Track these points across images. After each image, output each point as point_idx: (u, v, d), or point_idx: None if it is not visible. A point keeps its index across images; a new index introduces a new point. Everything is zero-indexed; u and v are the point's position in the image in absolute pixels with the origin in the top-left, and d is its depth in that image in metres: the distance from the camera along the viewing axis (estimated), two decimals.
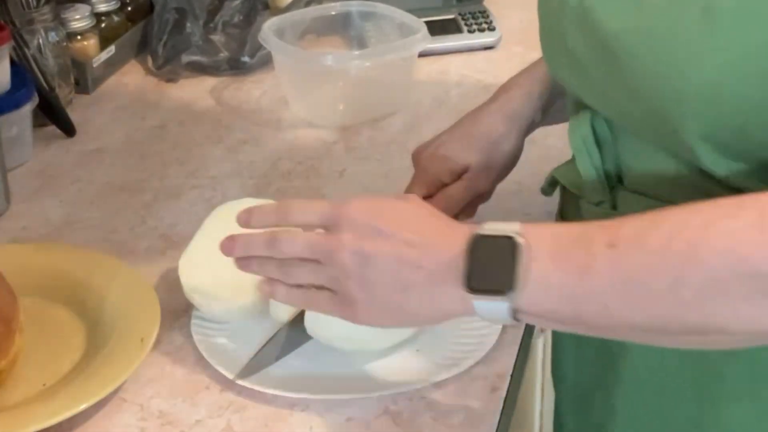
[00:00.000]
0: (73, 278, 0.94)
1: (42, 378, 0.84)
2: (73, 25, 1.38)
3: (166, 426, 0.81)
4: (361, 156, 1.21)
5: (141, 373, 0.85)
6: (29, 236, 1.07)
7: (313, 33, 1.39)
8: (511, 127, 0.98)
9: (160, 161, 1.22)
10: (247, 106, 1.35)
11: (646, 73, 0.71)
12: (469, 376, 0.84)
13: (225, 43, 1.44)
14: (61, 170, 1.21)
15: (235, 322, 0.89)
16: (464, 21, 1.52)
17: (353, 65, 1.27)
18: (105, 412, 0.82)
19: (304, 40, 1.38)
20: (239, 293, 0.88)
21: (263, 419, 0.81)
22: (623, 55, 0.72)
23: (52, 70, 1.31)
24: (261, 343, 0.87)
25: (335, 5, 1.41)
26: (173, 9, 1.46)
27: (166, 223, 1.08)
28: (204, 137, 1.27)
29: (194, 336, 0.88)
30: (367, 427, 0.80)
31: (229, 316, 0.89)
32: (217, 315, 0.89)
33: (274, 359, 0.86)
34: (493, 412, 0.81)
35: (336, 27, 1.42)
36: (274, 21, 1.34)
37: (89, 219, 1.10)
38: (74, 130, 1.28)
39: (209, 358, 0.85)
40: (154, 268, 0.99)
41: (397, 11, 1.37)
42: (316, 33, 1.40)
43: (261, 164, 1.20)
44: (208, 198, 1.13)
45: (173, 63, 1.44)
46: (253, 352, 0.86)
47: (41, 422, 0.77)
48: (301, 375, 0.84)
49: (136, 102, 1.38)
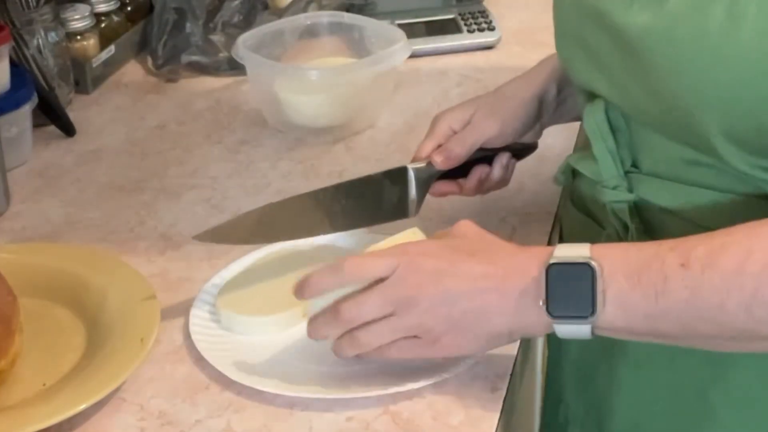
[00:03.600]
0: (73, 278, 0.94)
1: (42, 378, 0.84)
2: (72, 25, 1.38)
3: (166, 426, 0.81)
4: (361, 156, 1.21)
5: (141, 373, 0.85)
6: (29, 236, 1.07)
7: (311, 34, 1.39)
8: (521, 90, 0.99)
9: (160, 161, 1.22)
10: (247, 106, 1.35)
11: (669, 72, 0.73)
12: (469, 376, 0.84)
13: (225, 43, 1.43)
14: (61, 170, 1.21)
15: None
16: (464, 21, 1.52)
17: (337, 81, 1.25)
18: (105, 412, 0.82)
19: (301, 41, 1.38)
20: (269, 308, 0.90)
21: (263, 419, 0.81)
22: (647, 54, 0.74)
23: (51, 70, 1.31)
24: (260, 344, 0.87)
25: (318, 14, 1.39)
26: (173, 9, 1.46)
27: (166, 223, 1.08)
28: (204, 137, 1.27)
29: (193, 336, 0.88)
30: (367, 427, 0.80)
31: (256, 330, 0.90)
32: (245, 329, 0.90)
33: (236, 240, 0.87)
34: (493, 412, 0.81)
35: (334, 28, 1.42)
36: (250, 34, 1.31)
37: (89, 219, 1.10)
38: (74, 130, 1.28)
39: (209, 358, 0.85)
40: (154, 268, 0.99)
41: (377, 23, 1.35)
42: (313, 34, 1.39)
43: (261, 164, 1.20)
44: (207, 198, 1.13)
45: (173, 63, 1.44)
46: (252, 352, 0.86)
47: (41, 422, 0.77)
48: (301, 375, 0.84)
49: (136, 102, 1.38)
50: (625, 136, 0.83)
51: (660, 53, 0.73)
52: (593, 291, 0.71)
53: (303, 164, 1.20)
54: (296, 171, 1.18)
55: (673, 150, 0.78)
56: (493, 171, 0.99)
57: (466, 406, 0.81)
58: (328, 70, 1.27)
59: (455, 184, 0.99)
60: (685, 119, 0.74)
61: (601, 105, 0.82)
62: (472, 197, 1.02)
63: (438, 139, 0.98)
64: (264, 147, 1.24)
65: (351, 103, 1.27)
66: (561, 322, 0.73)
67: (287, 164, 1.20)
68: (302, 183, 1.15)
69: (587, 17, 0.80)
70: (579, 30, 0.82)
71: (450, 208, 1.07)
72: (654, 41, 0.73)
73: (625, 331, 0.72)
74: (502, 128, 0.98)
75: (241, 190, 1.14)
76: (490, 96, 1.00)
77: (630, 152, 0.83)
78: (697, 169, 0.78)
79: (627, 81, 0.78)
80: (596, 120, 0.83)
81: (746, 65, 0.69)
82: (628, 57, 0.76)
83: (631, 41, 0.75)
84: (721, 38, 0.70)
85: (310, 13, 1.40)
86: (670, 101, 0.74)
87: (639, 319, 0.71)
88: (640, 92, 0.77)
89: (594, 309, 0.71)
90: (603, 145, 0.83)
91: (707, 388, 0.83)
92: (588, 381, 0.93)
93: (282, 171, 1.18)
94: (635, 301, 0.70)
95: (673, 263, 0.69)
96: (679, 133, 0.77)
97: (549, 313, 0.72)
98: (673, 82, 0.73)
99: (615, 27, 0.77)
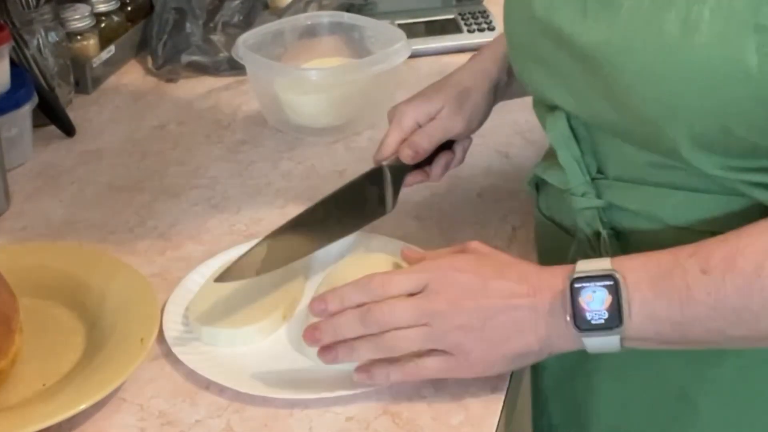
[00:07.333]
0: (73, 278, 0.94)
1: (42, 378, 0.84)
2: (72, 25, 1.38)
3: (165, 426, 0.81)
4: (361, 156, 1.21)
5: (141, 373, 0.85)
6: (29, 236, 1.07)
7: (311, 34, 1.39)
8: (480, 82, 1.00)
9: (160, 161, 1.22)
10: (247, 106, 1.35)
11: (630, 84, 0.74)
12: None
13: (225, 43, 1.44)
14: (61, 170, 1.21)
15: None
16: (464, 21, 1.52)
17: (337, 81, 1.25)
18: (105, 412, 0.82)
19: (301, 41, 1.38)
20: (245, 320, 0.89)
21: (263, 419, 0.81)
22: (606, 68, 0.75)
23: (51, 70, 1.31)
24: (249, 352, 0.87)
25: (318, 14, 1.39)
26: (173, 9, 1.46)
27: (166, 223, 1.08)
28: (204, 137, 1.27)
29: (180, 357, 0.86)
30: (367, 427, 0.80)
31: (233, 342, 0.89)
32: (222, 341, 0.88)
33: (254, 273, 0.86)
34: (493, 412, 0.81)
35: (334, 28, 1.42)
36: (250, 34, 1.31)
37: (89, 219, 1.10)
38: (74, 130, 1.28)
39: (200, 371, 0.84)
40: (154, 268, 0.99)
41: (377, 23, 1.35)
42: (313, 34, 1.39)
43: (261, 164, 1.20)
44: (207, 198, 1.13)
45: (173, 63, 1.44)
46: (241, 360, 0.86)
47: (41, 422, 0.77)
48: (301, 375, 0.84)
49: (136, 102, 1.38)
50: (588, 144, 0.83)
51: (619, 66, 0.74)
52: (620, 302, 0.72)
53: (303, 164, 1.20)
54: (296, 171, 1.18)
55: (638, 155, 0.79)
56: (457, 155, 1.01)
57: (466, 406, 0.81)
58: (328, 70, 1.27)
59: (422, 173, 1.01)
60: (651, 128, 0.74)
61: (563, 115, 0.83)
62: (472, 197, 1.02)
63: (404, 133, 0.99)
64: (264, 147, 1.24)
65: (351, 103, 1.27)
66: (589, 335, 0.73)
67: (287, 164, 1.20)
68: (302, 183, 1.16)
69: (542, 33, 0.80)
70: (535, 46, 0.82)
71: (450, 208, 1.07)
72: (612, 55, 0.74)
73: (656, 340, 0.73)
74: (468, 123, 1.00)
75: (241, 190, 1.14)
76: (449, 87, 1.00)
77: (595, 159, 0.84)
78: (664, 172, 0.78)
79: (589, 94, 0.78)
80: (559, 130, 0.84)
81: (706, 70, 0.69)
82: (589, 71, 0.77)
83: (589, 56, 0.76)
84: (677, 46, 0.70)
85: (310, 13, 1.40)
86: (634, 112, 0.75)
87: (667, 327, 0.72)
88: (603, 104, 0.77)
89: (621, 320, 0.72)
90: (568, 154, 0.84)
91: (688, 388, 0.83)
92: (567, 389, 0.93)
93: (282, 171, 1.18)
94: (661, 310, 0.71)
95: (694, 270, 0.70)
96: (645, 141, 0.77)
97: (577, 327, 0.73)
98: (636, 94, 0.74)
99: (571, 42, 0.77)
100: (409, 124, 0.99)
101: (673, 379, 0.84)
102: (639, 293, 0.72)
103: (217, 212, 1.10)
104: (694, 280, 0.70)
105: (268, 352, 0.87)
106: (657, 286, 0.71)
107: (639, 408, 0.87)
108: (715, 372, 0.81)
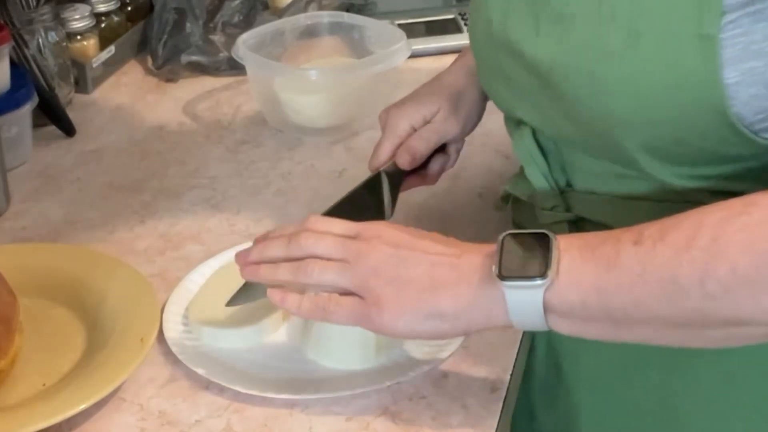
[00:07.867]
0: (73, 278, 0.94)
1: (42, 378, 0.84)
2: (72, 25, 1.38)
3: (165, 426, 0.81)
4: (361, 156, 1.20)
5: (141, 373, 0.85)
6: (29, 236, 1.07)
7: (311, 34, 1.39)
8: (472, 80, 0.99)
9: (160, 161, 1.22)
10: (247, 106, 1.35)
11: (581, 98, 0.75)
12: (469, 376, 0.84)
13: (225, 43, 1.43)
14: (60, 170, 1.20)
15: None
16: (464, 21, 1.52)
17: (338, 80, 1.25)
18: (105, 412, 0.82)
19: (301, 41, 1.38)
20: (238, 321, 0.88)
21: (263, 419, 0.81)
22: (558, 83, 0.76)
23: (51, 70, 1.31)
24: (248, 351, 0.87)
25: (318, 14, 1.39)
26: (173, 9, 1.45)
27: (166, 223, 1.08)
28: (204, 137, 1.27)
29: (179, 356, 0.86)
30: (367, 427, 0.80)
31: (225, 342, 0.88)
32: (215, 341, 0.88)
33: (263, 294, 0.85)
34: (493, 412, 0.81)
35: (334, 28, 1.42)
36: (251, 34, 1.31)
37: (89, 219, 1.10)
38: (74, 130, 1.28)
39: (200, 371, 0.84)
40: (154, 268, 0.99)
41: (377, 23, 1.35)
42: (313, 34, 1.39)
43: (261, 164, 1.20)
44: (207, 198, 1.13)
45: (173, 63, 1.44)
46: (241, 360, 0.86)
47: (41, 422, 0.77)
48: (301, 375, 0.84)
49: (136, 102, 1.38)
50: (555, 157, 0.84)
51: (570, 82, 0.75)
52: (548, 254, 0.69)
53: (303, 164, 1.20)
54: (296, 171, 1.18)
55: (602, 167, 0.80)
56: (451, 157, 1.01)
57: (466, 406, 0.81)
58: (328, 70, 1.27)
59: (419, 177, 1.00)
60: (607, 140, 0.75)
61: (528, 130, 0.84)
62: (471, 196, 1.02)
63: (399, 138, 0.97)
64: (264, 147, 1.24)
65: (351, 103, 1.27)
66: (512, 287, 0.69)
67: (287, 164, 1.20)
68: (302, 183, 1.16)
69: (501, 49, 0.81)
70: (497, 62, 0.83)
71: (450, 208, 1.07)
72: (562, 71, 0.75)
73: (579, 311, 0.69)
74: (463, 127, 0.99)
75: (241, 190, 1.14)
76: (443, 90, 1.00)
77: (563, 172, 0.84)
78: (628, 182, 0.79)
79: (547, 108, 0.79)
80: (526, 145, 0.84)
81: (651, 81, 0.70)
82: (544, 86, 0.78)
83: (543, 72, 0.77)
84: (622, 60, 0.71)
85: (310, 13, 1.40)
86: (588, 125, 0.76)
87: (591, 294, 0.67)
88: (560, 118, 0.78)
89: (546, 271, 0.68)
90: (536, 169, 0.84)
91: (671, 399, 0.83)
92: (553, 403, 0.93)
93: (282, 171, 1.18)
94: (587, 273, 0.68)
95: (627, 241, 0.67)
96: (605, 153, 0.78)
97: (500, 275, 0.69)
98: (587, 108, 0.74)
99: (526, 58, 0.78)
100: (404, 128, 0.97)
101: (655, 393, 0.83)
102: (568, 254, 0.69)
103: (217, 212, 1.10)
104: (625, 248, 0.67)
105: (268, 352, 0.87)
106: (587, 252, 0.68)
107: (623, 423, 0.87)
108: (695, 380, 0.81)
